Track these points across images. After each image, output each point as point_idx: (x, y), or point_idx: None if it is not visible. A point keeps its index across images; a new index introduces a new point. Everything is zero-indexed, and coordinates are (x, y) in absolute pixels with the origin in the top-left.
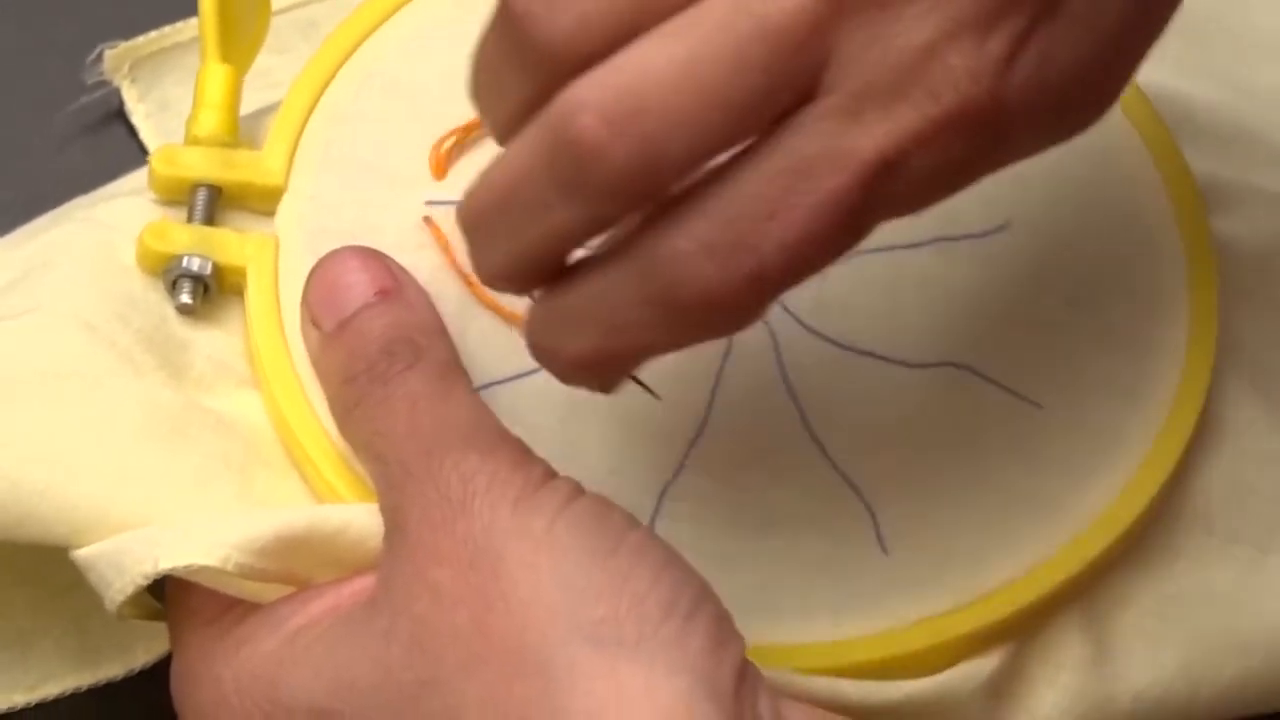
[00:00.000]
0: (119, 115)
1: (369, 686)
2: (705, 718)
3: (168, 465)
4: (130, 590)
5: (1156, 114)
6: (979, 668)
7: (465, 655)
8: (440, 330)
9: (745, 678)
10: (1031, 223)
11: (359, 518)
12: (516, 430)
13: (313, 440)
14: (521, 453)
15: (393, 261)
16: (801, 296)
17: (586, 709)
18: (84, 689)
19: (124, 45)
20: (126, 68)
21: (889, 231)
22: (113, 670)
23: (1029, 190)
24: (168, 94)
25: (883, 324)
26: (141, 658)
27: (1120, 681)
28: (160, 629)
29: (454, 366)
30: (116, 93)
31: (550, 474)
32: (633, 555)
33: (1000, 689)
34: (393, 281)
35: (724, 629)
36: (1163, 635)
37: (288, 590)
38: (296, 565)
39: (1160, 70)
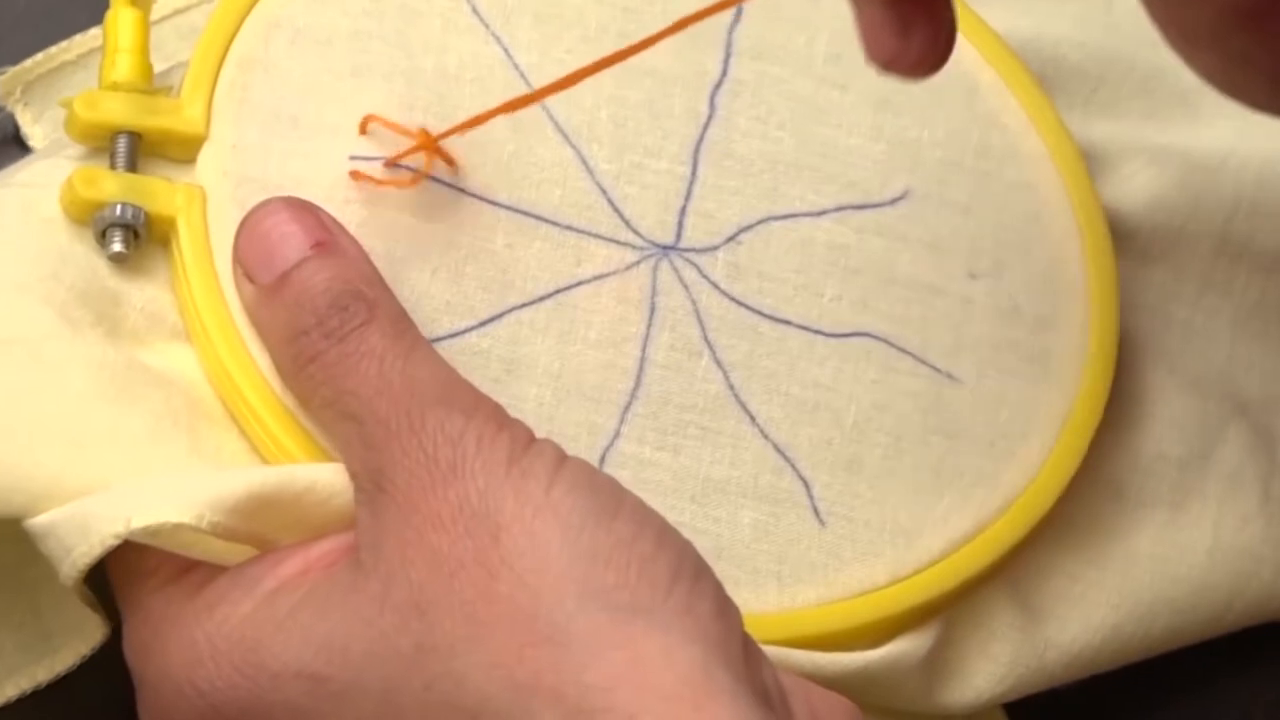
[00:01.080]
0: (16, 140)
1: (363, 652)
2: (722, 685)
3: (119, 426)
4: (98, 552)
5: (1037, 83)
6: (918, 642)
7: (469, 621)
8: (382, 281)
9: (749, 645)
10: (928, 192)
11: (324, 475)
12: None
13: (257, 395)
14: (499, 411)
15: (323, 212)
16: (717, 262)
17: (606, 675)
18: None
19: (12, 70)
20: (19, 91)
21: (794, 198)
22: (70, 656)
23: (924, 158)
24: (62, 114)
25: (797, 292)
26: (97, 634)
27: (1051, 647)
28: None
29: (406, 318)
30: (11, 117)
31: (530, 434)
32: (633, 519)
33: (937, 661)
34: (327, 234)
35: (724, 595)
36: (1090, 598)
37: (251, 552)
38: (265, 525)
39: (1021, 16)
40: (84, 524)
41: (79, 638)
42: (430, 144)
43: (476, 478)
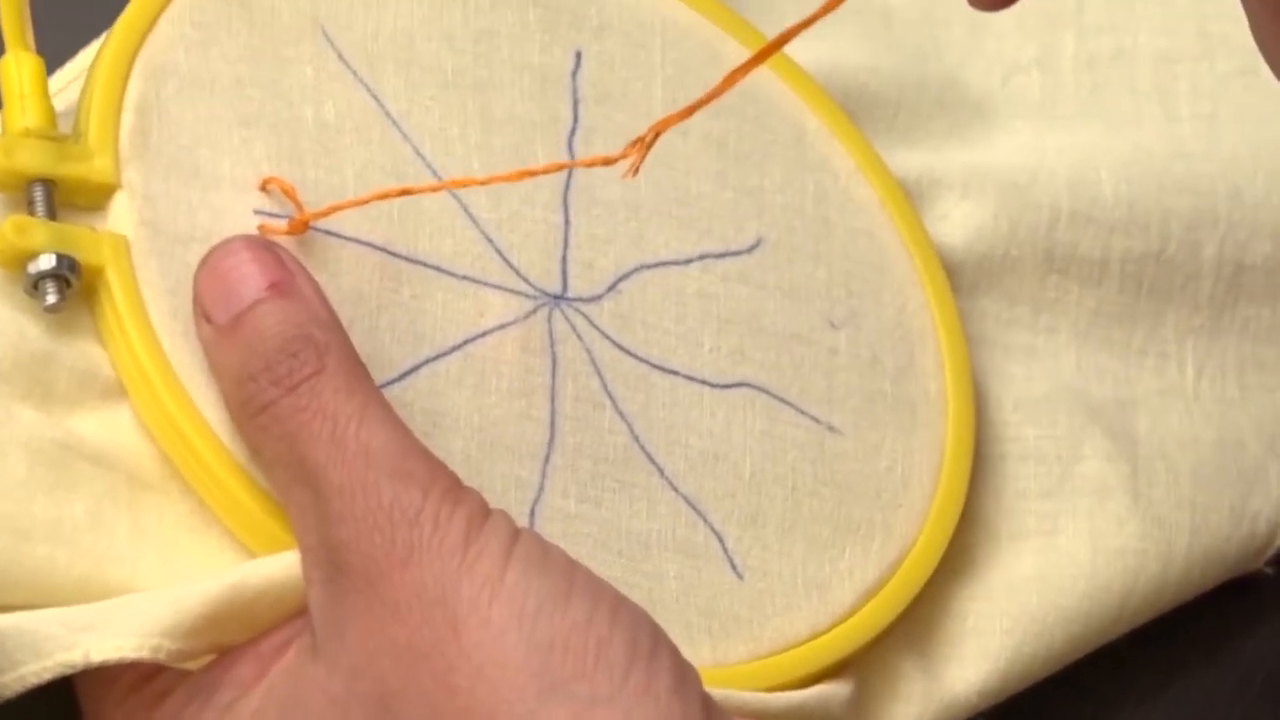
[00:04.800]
0: None
1: None
2: None
3: (60, 515)
4: (49, 677)
5: (856, 127)
6: (840, 686)
7: (432, 715)
8: (336, 324)
9: (710, 708)
10: (779, 240)
11: (277, 576)
12: None
13: (206, 445)
14: (454, 482)
15: (285, 251)
16: (603, 311)
17: None
18: None
19: None
20: None
21: (660, 246)
22: None
23: (768, 204)
24: None
25: (680, 342)
26: None
27: (958, 682)
28: None
29: (359, 367)
30: None
31: (485, 506)
32: (587, 597)
33: (858, 707)
34: (285, 274)
35: (681, 662)
36: (982, 629)
37: (209, 656)
38: (221, 636)
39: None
40: (35, 643)
41: None
42: (302, 228)
43: (433, 562)
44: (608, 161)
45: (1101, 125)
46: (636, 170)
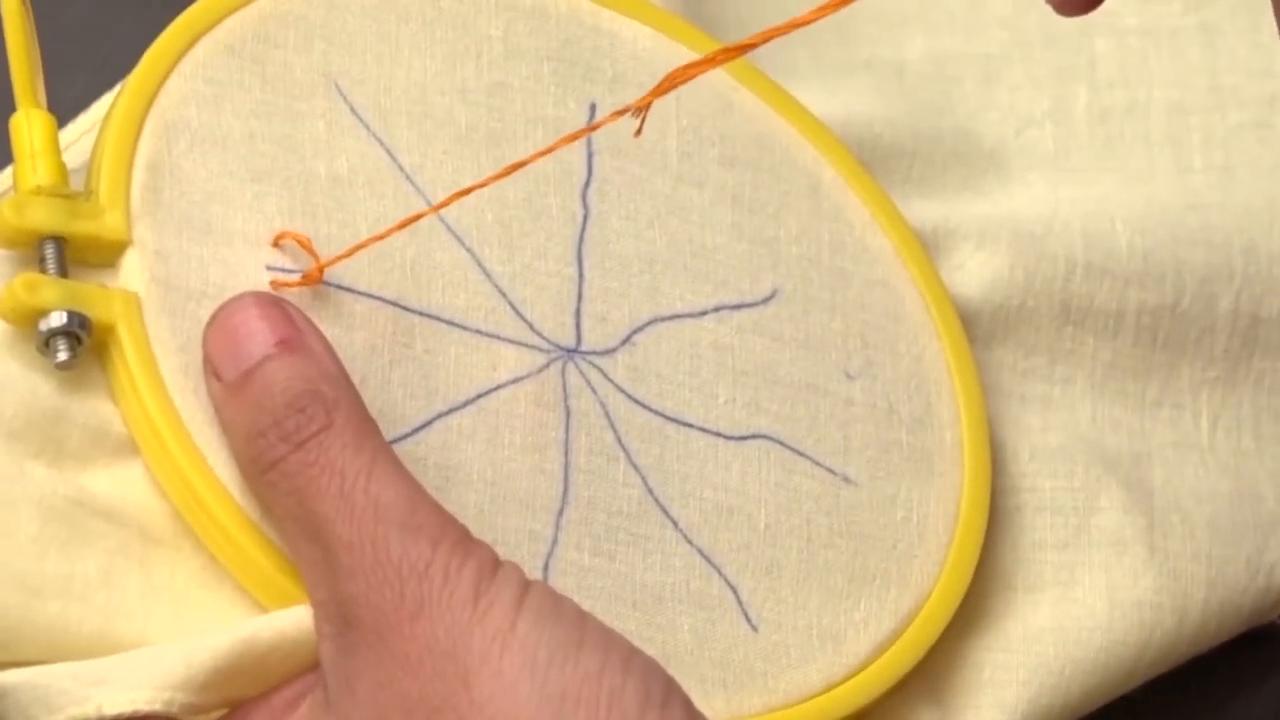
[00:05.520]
0: None
1: None
2: None
3: (73, 572)
4: None
5: (872, 178)
6: None
7: None
8: (346, 379)
9: None
10: (794, 291)
11: (289, 630)
12: None
13: (218, 502)
14: (464, 535)
15: (293, 307)
16: (617, 364)
17: None
18: None
19: None
20: None
21: (674, 298)
22: None
23: (784, 255)
24: None
25: (694, 394)
26: None
27: None
28: None
29: (367, 423)
30: None
31: (495, 558)
32: (598, 647)
33: None
34: (293, 330)
35: (694, 713)
36: (999, 681)
37: (220, 711)
38: (232, 690)
39: (830, 97)
40: (47, 698)
41: None
42: (317, 278)
43: (444, 614)
44: (620, 113)
45: (1115, 177)
46: (642, 124)
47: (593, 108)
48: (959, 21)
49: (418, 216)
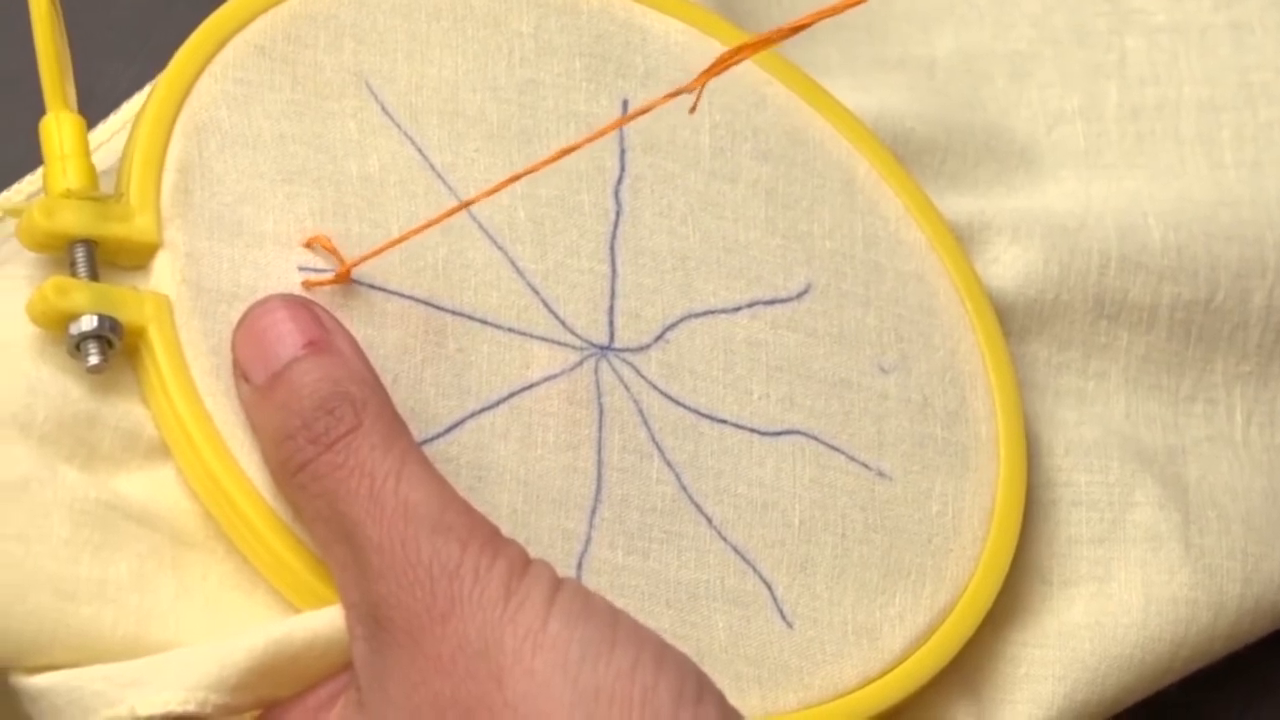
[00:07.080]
0: None
1: None
2: None
3: (106, 575)
4: None
5: (908, 172)
6: None
7: None
8: (374, 380)
9: None
10: (828, 285)
11: (322, 630)
12: None
13: (249, 503)
14: (494, 534)
15: (321, 309)
16: (651, 361)
17: None
18: None
19: None
20: None
21: (708, 294)
22: None
23: (817, 250)
24: None
25: (728, 391)
26: None
27: None
28: None
29: (396, 423)
30: None
31: (525, 556)
32: (630, 644)
33: None
34: (321, 332)
35: (727, 709)
36: (1035, 676)
37: (254, 712)
38: (266, 690)
39: (863, 94)
40: (82, 700)
41: None
42: (345, 277)
43: (475, 614)
44: (673, 95)
45: (1146, 174)
46: (695, 103)
47: (625, 103)
48: (988, 19)
49: (449, 213)
